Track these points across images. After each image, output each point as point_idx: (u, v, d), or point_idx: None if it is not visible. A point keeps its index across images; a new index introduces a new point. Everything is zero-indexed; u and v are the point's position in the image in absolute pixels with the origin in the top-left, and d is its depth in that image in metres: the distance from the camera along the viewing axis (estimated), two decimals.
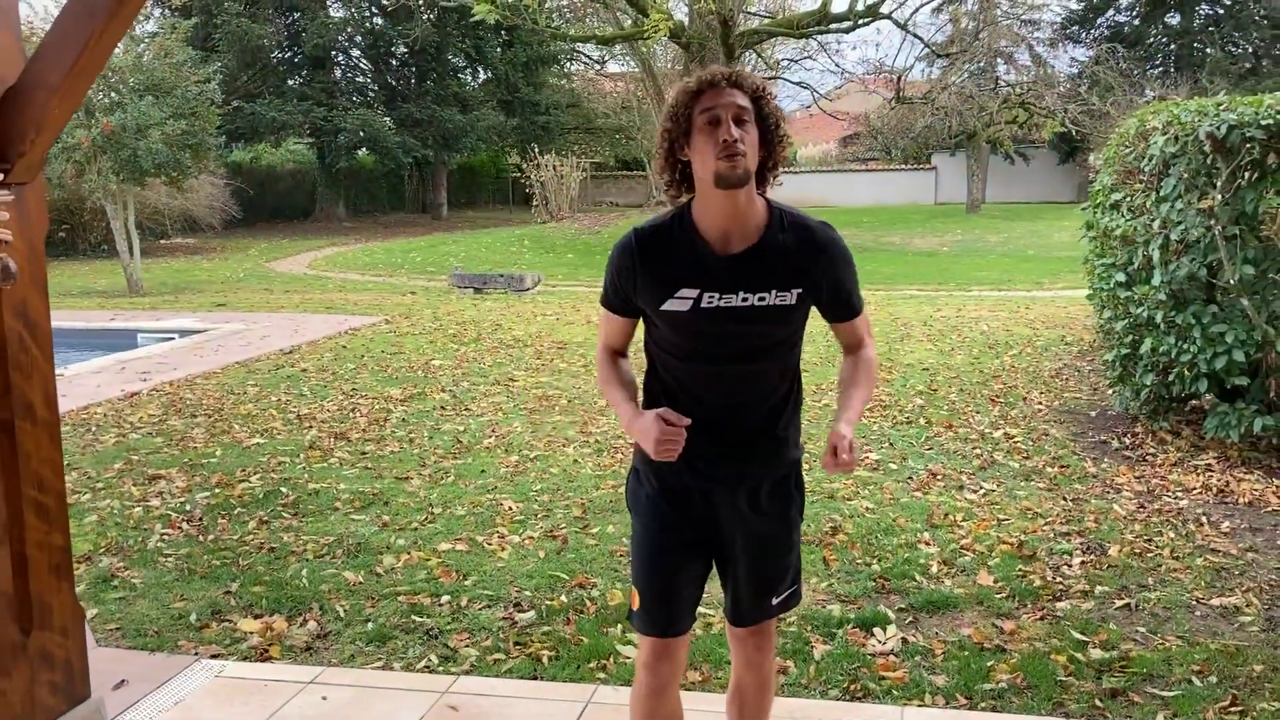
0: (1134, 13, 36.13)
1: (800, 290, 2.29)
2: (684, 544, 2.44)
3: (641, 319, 2.41)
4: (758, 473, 2.42)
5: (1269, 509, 5.10)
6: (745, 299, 2.26)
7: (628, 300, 2.37)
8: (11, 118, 2.47)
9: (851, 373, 2.44)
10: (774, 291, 2.26)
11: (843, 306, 2.40)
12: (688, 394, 2.36)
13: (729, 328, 2.28)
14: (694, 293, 2.26)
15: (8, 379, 2.53)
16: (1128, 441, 6.31)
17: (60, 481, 2.70)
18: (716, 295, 2.26)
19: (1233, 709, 3.28)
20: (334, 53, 34.31)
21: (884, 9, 23.01)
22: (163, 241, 26.00)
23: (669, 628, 2.45)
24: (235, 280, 18.77)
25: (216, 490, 5.72)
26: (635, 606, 2.48)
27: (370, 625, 4.04)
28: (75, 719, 2.68)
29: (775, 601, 2.51)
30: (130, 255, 16.55)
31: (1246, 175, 5.55)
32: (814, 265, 2.30)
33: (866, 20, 23.03)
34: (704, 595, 2.56)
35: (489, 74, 36.40)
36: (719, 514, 2.43)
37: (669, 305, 2.29)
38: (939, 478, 5.73)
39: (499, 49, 34.99)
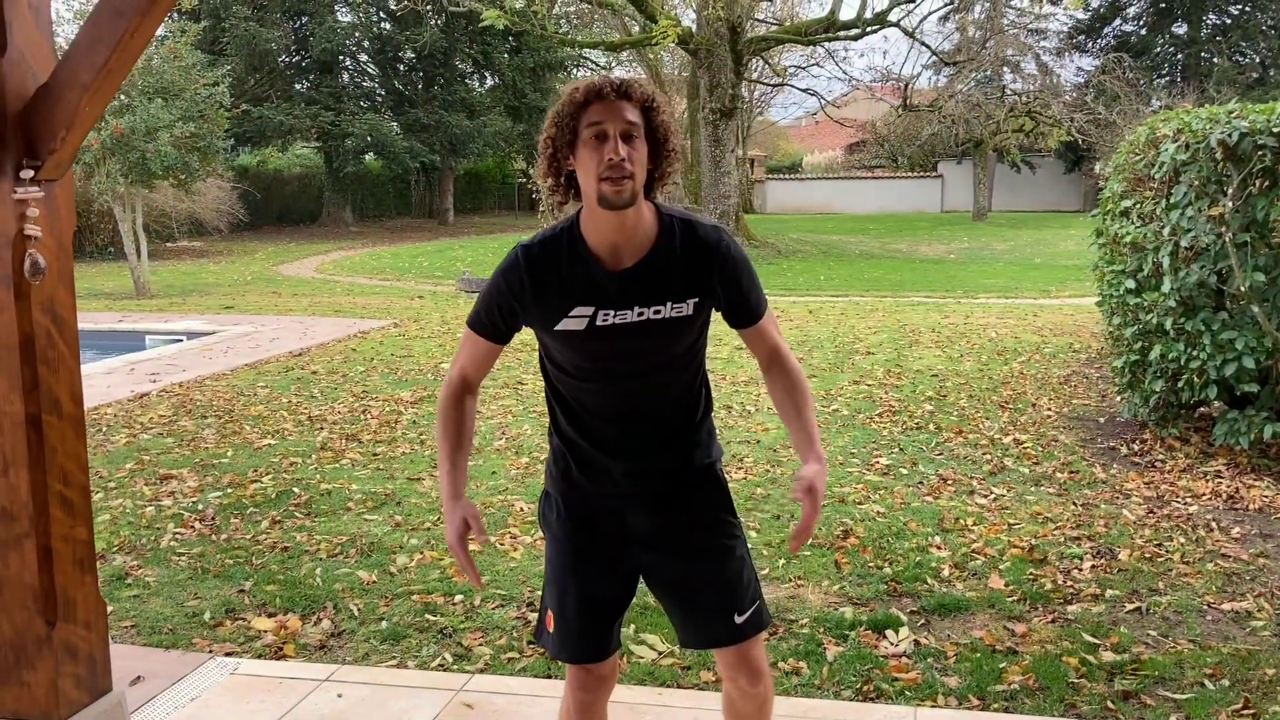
0: (1141, 22, 36.20)
1: (696, 299, 2.20)
2: (595, 560, 2.32)
3: (536, 336, 2.29)
4: (672, 486, 2.32)
5: (1278, 515, 5.11)
6: (641, 314, 2.17)
7: (507, 323, 2.27)
8: (44, 115, 2.50)
9: (787, 397, 2.31)
10: (669, 304, 2.18)
11: (743, 310, 2.28)
12: (588, 412, 2.28)
13: (627, 345, 2.19)
14: (588, 310, 2.17)
15: (36, 374, 2.55)
16: (1136, 448, 6.33)
17: (84, 476, 2.72)
18: (611, 313, 2.16)
19: (1245, 712, 3.29)
20: (342, 57, 34.43)
21: (891, 17, 23.04)
22: (169, 244, 26.08)
23: (584, 655, 2.33)
24: (243, 283, 18.82)
25: (229, 490, 5.75)
26: (549, 629, 2.36)
27: (384, 624, 4.06)
28: (97, 711, 2.70)
29: (740, 620, 2.32)
30: (138, 257, 16.61)
31: (1258, 183, 5.57)
32: (708, 272, 2.20)
33: (874, 28, 23.06)
34: None
35: (496, 79, 36.51)
36: (634, 533, 2.33)
37: (563, 325, 2.19)
38: (949, 482, 5.74)
39: (506, 55, 35.08)
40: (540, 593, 2.51)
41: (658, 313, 2.17)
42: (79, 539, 2.69)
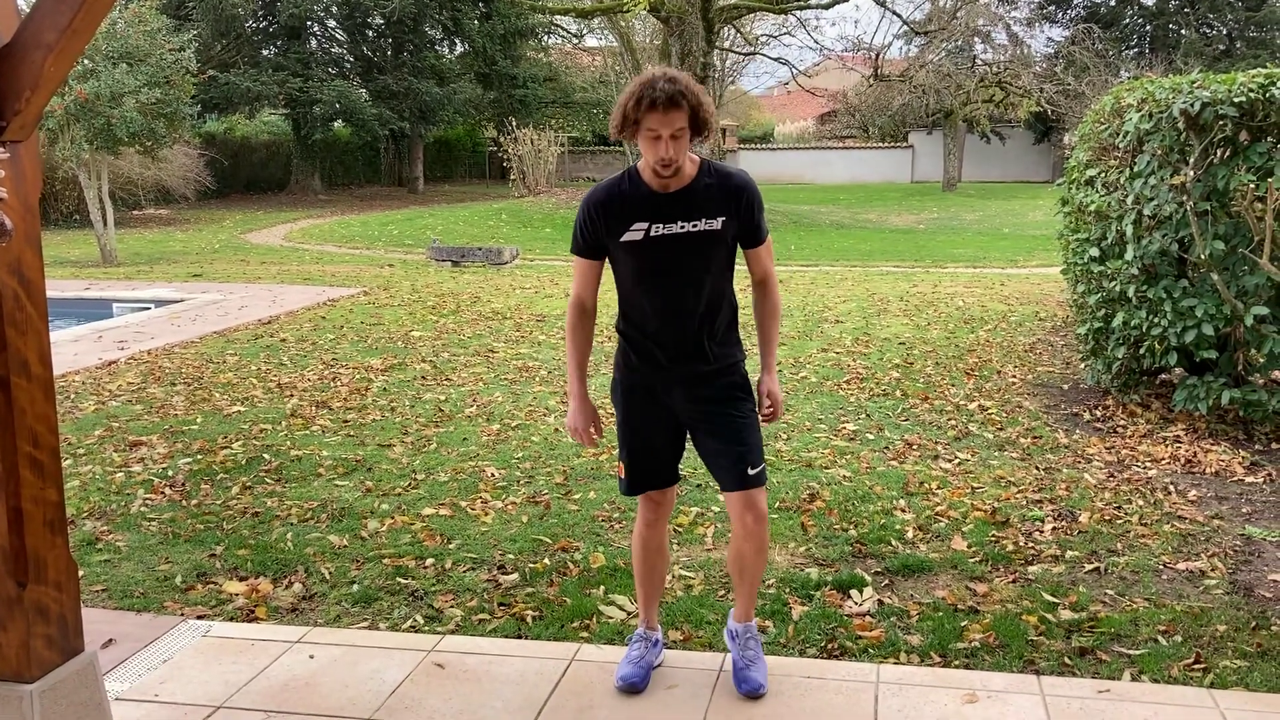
0: None
1: (724, 218, 3.02)
2: (652, 421, 3.17)
3: (610, 255, 3.11)
4: (704, 369, 3.10)
5: (1234, 479, 5.23)
6: (683, 226, 2.99)
7: (596, 240, 3.08)
8: (7, 75, 2.49)
9: (766, 319, 3.23)
10: (704, 220, 3.00)
11: (753, 233, 3.11)
12: (642, 311, 3.09)
13: (673, 249, 3.00)
14: (644, 225, 3.00)
15: (4, 335, 2.55)
16: (1099, 414, 6.43)
17: (54, 438, 2.73)
18: (661, 225, 2.99)
19: (1196, 666, 3.39)
20: (310, 23, 33.94)
21: None
22: (135, 212, 25.79)
23: (649, 485, 3.23)
24: (210, 251, 18.66)
25: (198, 456, 5.75)
26: (622, 475, 3.24)
27: (356, 587, 4.09)
28: (70, 671, 2.72)
29: (752, 473, 3.09)
30: (104, 225, 16.43)
31: (1219, 152, 5.65)
32: (735, 198, 3.04)
33: None
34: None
35: (466, 46, 36.16)
36: (676, 403, 3.14)
37: (626, 237, 3.02)
38: (915, 448, 5.82)
39: (477, 21, 34.74)
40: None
41: (695, 226, 2.99)
42: (49, 501, 2.70)
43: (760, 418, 3.19)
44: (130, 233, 21.88)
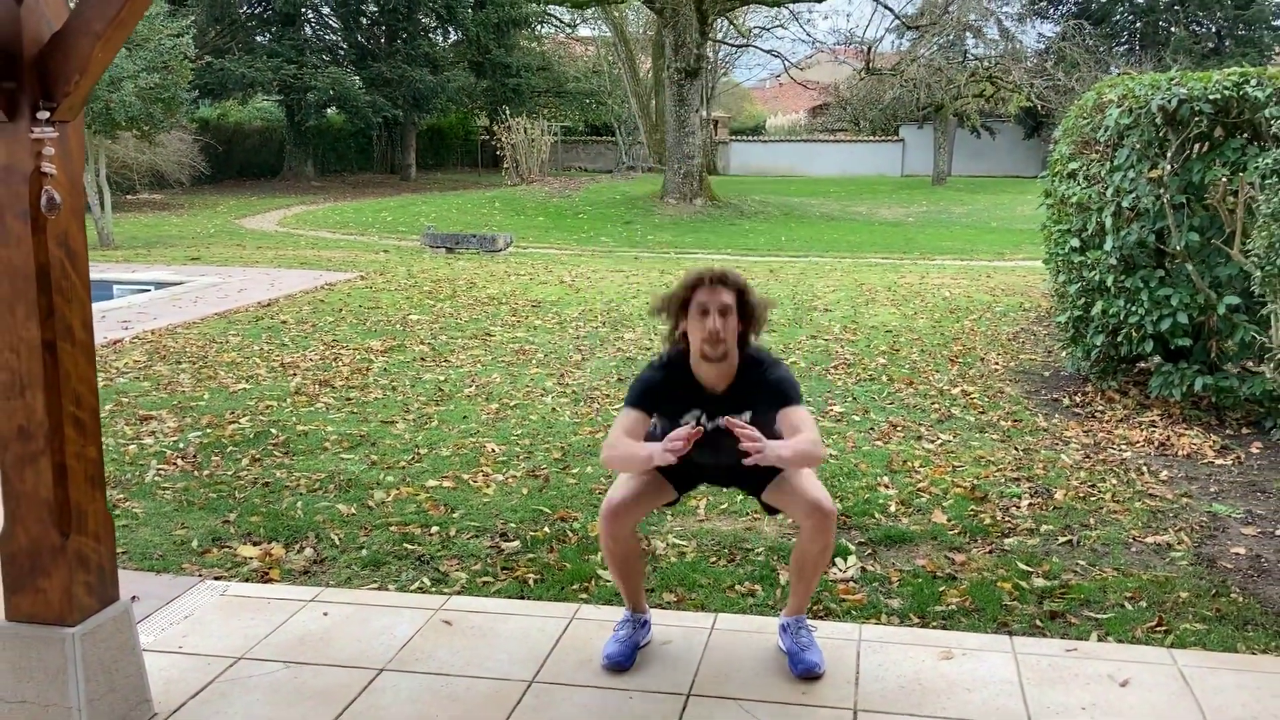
0: None
1: (766, 407, 3.16)
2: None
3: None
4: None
5: (1205, 460, 5.46)
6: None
7: (650, 406, 3.22)
8: (58, 60, 2.67)
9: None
10: (749, 413, 3.14)
11: (785, 406, 3.16)
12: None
13: (722, 444, 3.09)
14: (698, 413, 3.20)
15: (51, 302, 2.74)
16: (1078, 400, 6.66)
17: (94, 399, 2.92)
18: (706, 417, 3.19)
19: (1159, 629, 3.61)
20: (304, 10, 34.03)
21: None
22: (129, 196, 25.87)
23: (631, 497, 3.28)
24: (206, 236, 18.80)
25: (208, 430, 5.94)
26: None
27: (365, 552, 4.30)
28: (107, 617, 2.91)
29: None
30: (101, 209, 16.56)
31: (1195, 147, 5.88)
32: (773, 393, 3.16)
33: None
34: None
35: (460, 35, 36.29)
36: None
37: (684, 418, 3.19)
38: (899, 429, 6.04)
39: (470, 9, 34.87)
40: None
41: (742, 418, 3.07)
42: (89, 458, 2.89)
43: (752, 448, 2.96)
44: (125, 217, 21.98)
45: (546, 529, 4.51)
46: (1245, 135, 5.82)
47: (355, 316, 9.66)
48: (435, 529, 4.52)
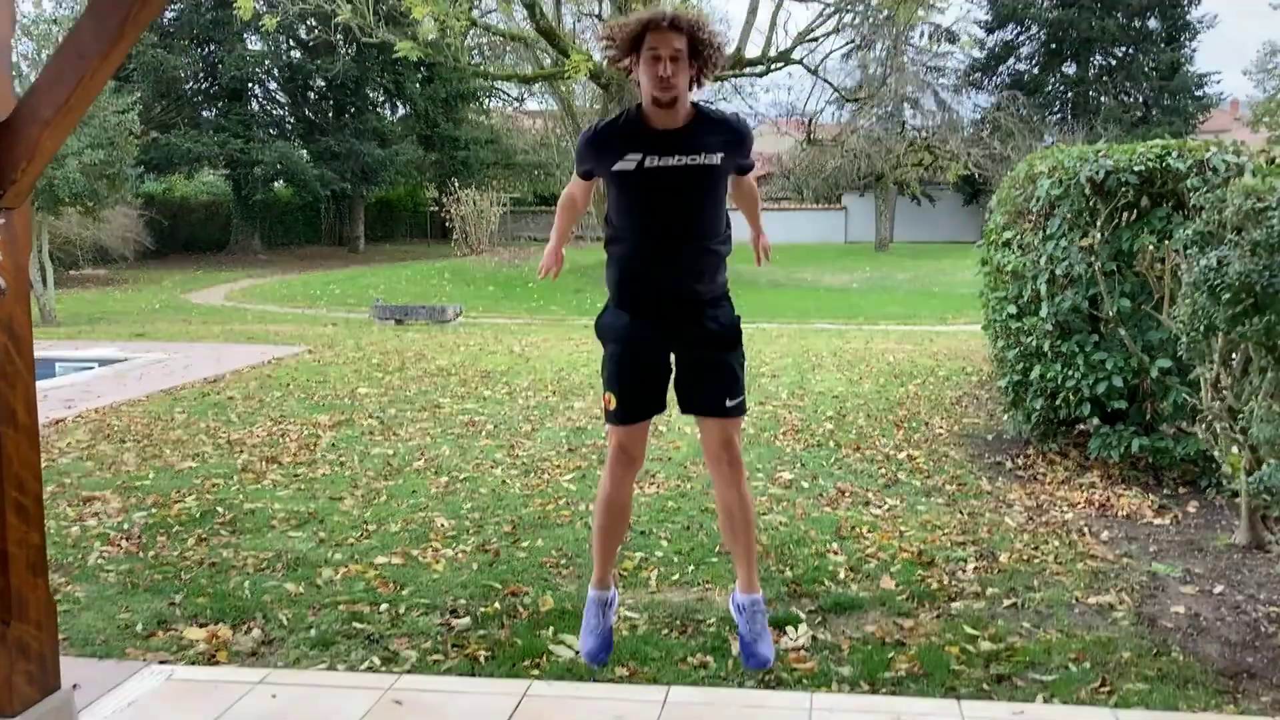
0: (1033, 61, 37.76)
1: (723, 153, 3.20)
2: (640, 351, 3.29)
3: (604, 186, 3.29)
4: (693, 304, 3.26)
5: (1144, 520, 5.58)
6: (680, 159, 3.14)
7: (587, 169, 3.33)
8: (4, 149, 2.70)
9: (743, 200, 3.69)
10: (704, 154, 3.16)
11: (746, 166, 3.40)
12: (634, 242, 3.26)
13: (668, 181, 3.15)
14: (638, 156, 3.14)
15: None
16: (1020, 462, 6.78)
17: (38, 484, 2.91)
18: (656, 158, 3.14)
19: (1103, 689, 3.68)
20: (251, 85, 34.19)
21: (795, 55, 23.82)
22: (73, 272, 25.59)
23: (636, 414, 3.31)
24: (151, 311, 18.63)
25: (153, 510, 5.86)
26: (611, 407, 3.30)
27: (313, 631, 4.25)
28: (49, 707, 2.87)
29: (730, 404, 3.27)
30: (44, 285, 16.39)
31: (1123, 216, 6.08)
32: (735, 135, 3.25)
33: (779, 65, 23.80)
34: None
35: (408, 109, 36.58)
36: (664, 334, 3.28)
37: (618, 166, 3.16)
38: (847, 495, 6.11)
39: (419, 84, 35.21)
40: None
41: (694, 160, 3.15)
42: (32, 544, 2.88)
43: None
44: (68, 293, 21.74)
45: (497, 604, 4.50)
46: (1170, 204, 6.04)
47: (303, 391, 9.61)
48: (385, 606, 4.49)
